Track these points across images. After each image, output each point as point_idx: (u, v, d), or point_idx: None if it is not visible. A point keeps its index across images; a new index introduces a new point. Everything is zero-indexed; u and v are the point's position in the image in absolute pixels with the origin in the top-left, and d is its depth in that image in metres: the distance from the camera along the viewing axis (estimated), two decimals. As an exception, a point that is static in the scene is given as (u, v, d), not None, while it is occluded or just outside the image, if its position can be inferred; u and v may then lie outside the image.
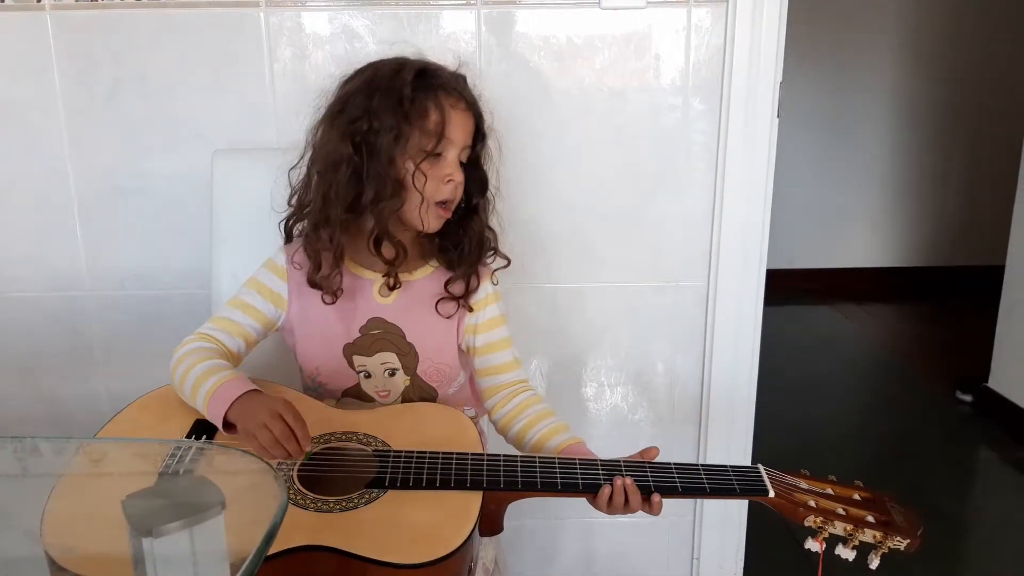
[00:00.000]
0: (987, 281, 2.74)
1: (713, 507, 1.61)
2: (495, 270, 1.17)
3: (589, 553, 1.66)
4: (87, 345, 1.49)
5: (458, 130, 1.04)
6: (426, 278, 1.13)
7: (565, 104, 1.42)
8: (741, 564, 1.66)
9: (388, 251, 1.07)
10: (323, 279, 1.07)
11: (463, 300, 1.11)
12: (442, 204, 1.06)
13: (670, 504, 1.58)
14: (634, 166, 1.45)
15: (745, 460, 1.58)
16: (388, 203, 1.03)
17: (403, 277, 1.11)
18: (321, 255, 1.06)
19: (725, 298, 1.50)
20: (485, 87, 1.38)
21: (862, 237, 3.77)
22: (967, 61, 3.55)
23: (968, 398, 2.65)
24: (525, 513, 1.57)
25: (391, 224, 1.05)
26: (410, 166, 1.03)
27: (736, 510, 1.62)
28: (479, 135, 1.08)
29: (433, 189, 1.04)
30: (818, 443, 2.34)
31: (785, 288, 2.99)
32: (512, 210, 1.41)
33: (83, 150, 1.41)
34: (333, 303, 1.08)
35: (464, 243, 1.11)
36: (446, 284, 1.11)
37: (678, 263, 1.50)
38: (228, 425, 0.98)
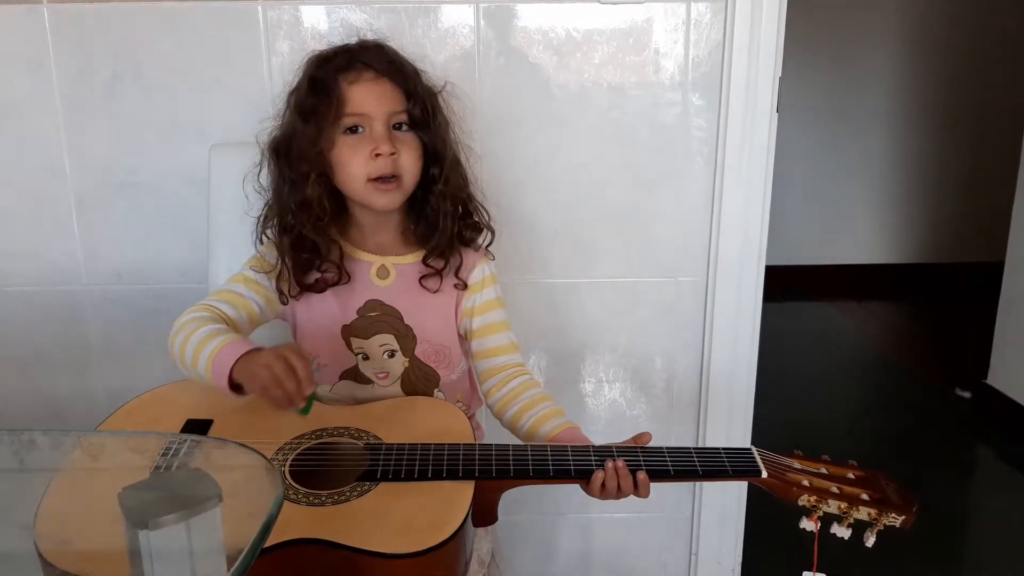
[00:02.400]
0: (986, 278, 2.74)
1: (711, 502, 1.61)
2: (486, 245, 1.17)
3: (587, 548, 1.66)
4: (84, 340, 1.49)
5: (368, 101, 1.03)
6: (418, 261, 1.13)
7: (564, 99, 1.41)
8: (739, 560, 1.66)
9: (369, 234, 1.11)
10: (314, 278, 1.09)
11: (445, 272, 1.10)
12: (380, 180, 1.04)
13: (668, 498, 1.61)
14: (633, 161, 1.45)
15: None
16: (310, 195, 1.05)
17: (396, 260, 1.11)
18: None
19: (724, 293, 1.50)
20: (484, 81, 1.39)
21: (861, 233, 3.77)
22: (967, 56, 3.54)
23: (967, 395, 2.65)
24: (523, 508, 1.57)
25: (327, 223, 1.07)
26: (332, 155, 1.04)
27: (735, 505, 1.62)
28: (413, 97, 1.05)
29: (360, 167, 1.03)
30: (817, 439, 2.33)
31: (784, 284, 2.98)
32: (510, 205, 1.41)
33: (80, 144, 1.40)
34: (323, 291, 1.10)
35: (432, 219, 1.09)
36: (424, 258, 1.11)
37: (677, 258, 1.50)
38: (234, 387, 0.96)
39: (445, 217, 1.09)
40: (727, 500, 1.61)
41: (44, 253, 1.45)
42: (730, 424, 1.57)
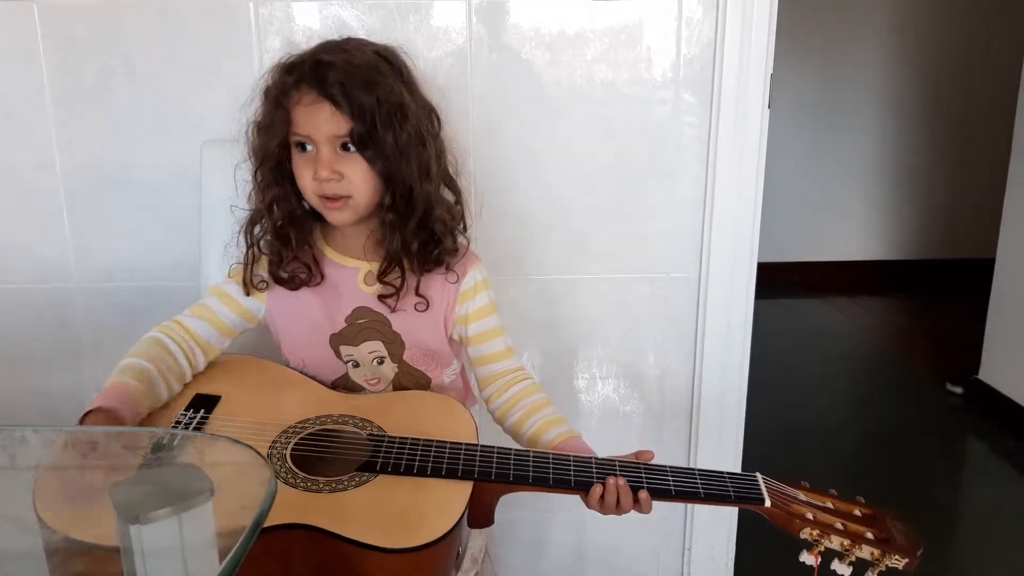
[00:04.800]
0: (977, 274, 2.75)
1: (704, 498, 1.61)
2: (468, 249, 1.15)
3: (580, 545, 1.66)
4: (75, 337, 1.48)
5: (309, 124, 1.00)
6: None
7: (556, 96, 1.41)
8: (732, 555, 1.67)
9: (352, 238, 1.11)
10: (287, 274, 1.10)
11: (402, 292, 1.07)
12: (328, 199, 1.03)
13: (662, 495, 1.61)
14: (625, 158, 1.45)
15: (736, 452, 1.59)
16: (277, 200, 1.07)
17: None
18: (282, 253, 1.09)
19: (716, 290, 1.50)
20: (476, 78, 1.39)
21: (853, 230, 3.78)
22: (956, 53, 3.56)
23: (958, 390, 2.66)
24: (517, 505, 1.56)
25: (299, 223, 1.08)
26: (292, 165, 1.05)
27: (727, 501, 1.63)
28: (360, 117, 0.98)
29: (309, 184, 1.03)
30: (809, 435, 2.35)
31: (776, 281, 2.99)
32: (503, 201, 1.41)
33: (71, 140, 1.40)
34: (296, 289, 1.09)
35: (382, 239, 1.07)
36: (379, 275, 1.07)
37: (669, 255, 1.50)
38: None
39: (392, 242, 1.05)
40: (720, 495, 1.62)
41: (34, 250, 1.44)
42: (722, 420, 1.57)
